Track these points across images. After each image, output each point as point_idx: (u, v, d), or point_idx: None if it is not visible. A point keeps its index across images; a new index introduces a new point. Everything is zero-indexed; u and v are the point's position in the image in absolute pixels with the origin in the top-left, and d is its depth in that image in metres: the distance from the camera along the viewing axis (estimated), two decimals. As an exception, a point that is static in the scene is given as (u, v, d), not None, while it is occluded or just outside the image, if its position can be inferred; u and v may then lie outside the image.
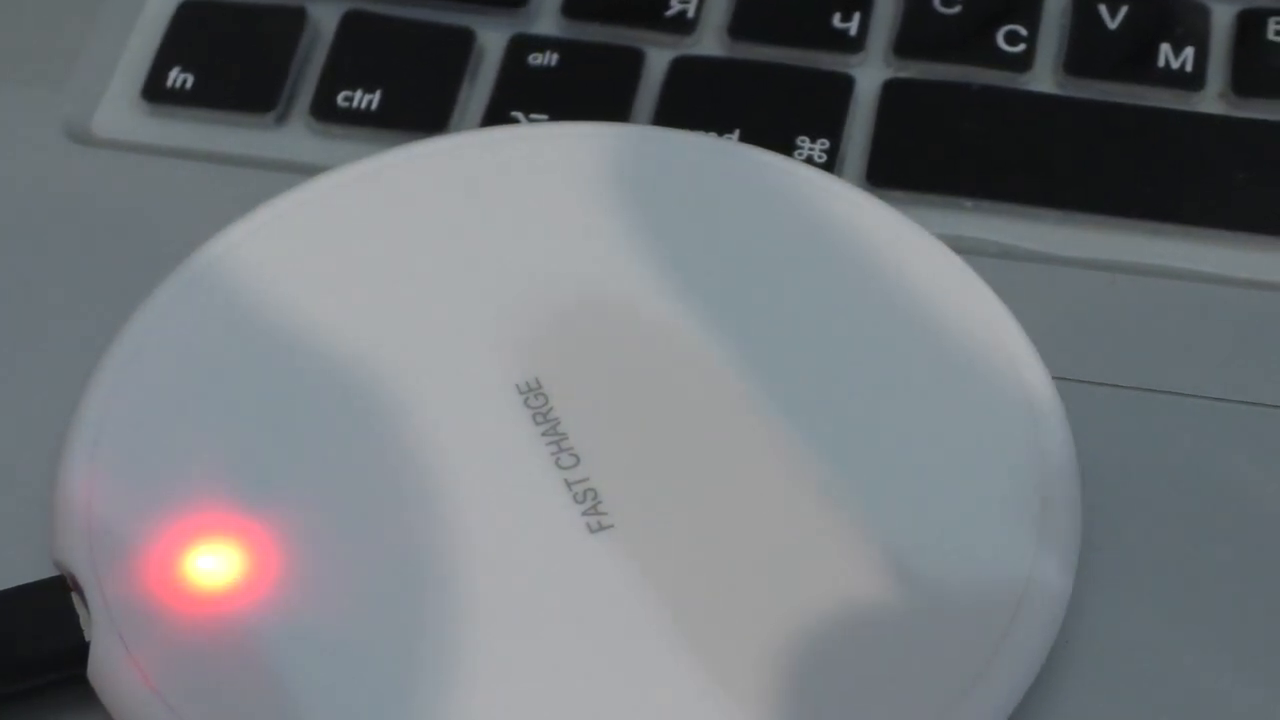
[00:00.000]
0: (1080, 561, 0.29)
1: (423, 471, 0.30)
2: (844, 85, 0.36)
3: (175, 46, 0.37)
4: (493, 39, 0.37)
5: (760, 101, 0.36)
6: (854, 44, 0.37)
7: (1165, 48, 0.36)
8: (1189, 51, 0.36)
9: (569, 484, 0.29)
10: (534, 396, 0.30)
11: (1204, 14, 0.37)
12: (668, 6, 0.37)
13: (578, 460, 0.30)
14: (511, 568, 0.29)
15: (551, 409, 0.30)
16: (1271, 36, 0.36)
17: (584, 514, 0.29)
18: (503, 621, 0.28)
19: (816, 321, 0.31)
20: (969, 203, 0.35)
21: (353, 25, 0.37)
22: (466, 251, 0.32)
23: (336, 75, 0.36)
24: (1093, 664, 0.29)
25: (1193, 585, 0.30)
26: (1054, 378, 0.31)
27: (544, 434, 0.30)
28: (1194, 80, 0.36)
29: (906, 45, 0.37)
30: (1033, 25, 0.37)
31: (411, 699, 0.28)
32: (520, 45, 0.37)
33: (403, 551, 0.29)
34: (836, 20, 0.37)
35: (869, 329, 0.31)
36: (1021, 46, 0.36)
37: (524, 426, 0.30)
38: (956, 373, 0.31)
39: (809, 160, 0.35)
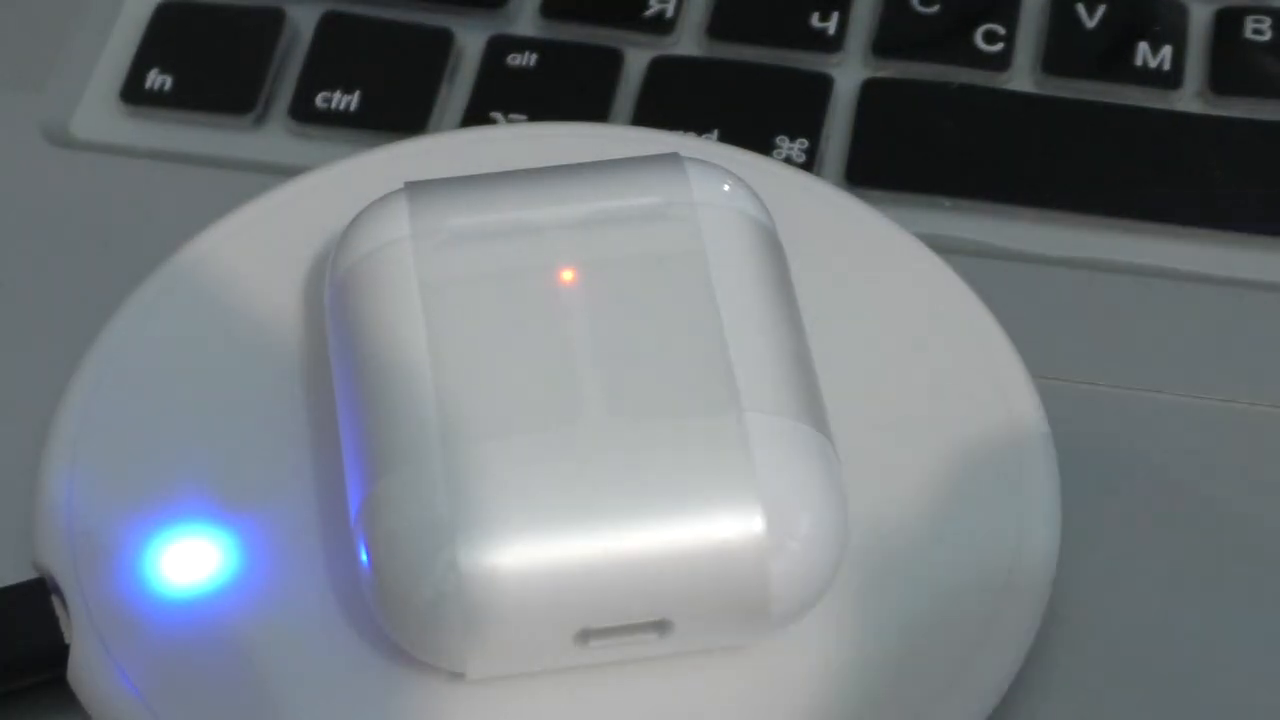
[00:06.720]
0: (1061, 558, 0.29)
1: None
2: (823, 85, 0.36)
3: (154, 48, 0.37)
4: (471, 39, 0.37)
5: (739, 101, 0.36)
6: (833, 44, 0.37)
7: (1143, 46, 0.36)
8: (1167, 50, 0.36)
9: None
10: None
11: (1182, 12, 0.37)
12: (646, 6, 0.37)
13: None
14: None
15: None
16: (1249, 35, 0.36)
17: None
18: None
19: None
20: (948, 202, 0.35)
21: (331, 26, 0.37)
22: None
23: (315, 76, 0.36)
24: (1073, 654, 0.29)
25: (1172, 576, 0.30)
26: (1033, 376, 0.31)
27: None
28: (1171, 79, 0.36)
29: (885, 45, 0.37)
30: (1011, 24, 0.37)
31: (392, 701, 0.28)
32: (499, 46, 0.37)
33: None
34: (815, 20, 0.37)
35: (846, 328, 0.31)
36: (1000, 46, 0.36)
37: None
38: (934, 372, 0.31)
39: (788, 160, 0.35)
